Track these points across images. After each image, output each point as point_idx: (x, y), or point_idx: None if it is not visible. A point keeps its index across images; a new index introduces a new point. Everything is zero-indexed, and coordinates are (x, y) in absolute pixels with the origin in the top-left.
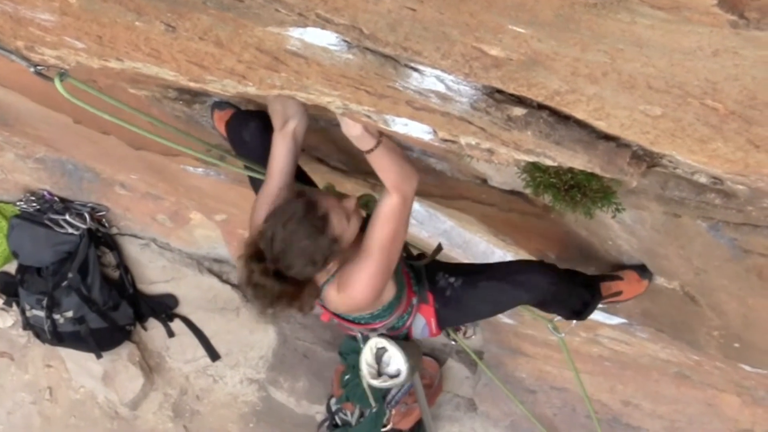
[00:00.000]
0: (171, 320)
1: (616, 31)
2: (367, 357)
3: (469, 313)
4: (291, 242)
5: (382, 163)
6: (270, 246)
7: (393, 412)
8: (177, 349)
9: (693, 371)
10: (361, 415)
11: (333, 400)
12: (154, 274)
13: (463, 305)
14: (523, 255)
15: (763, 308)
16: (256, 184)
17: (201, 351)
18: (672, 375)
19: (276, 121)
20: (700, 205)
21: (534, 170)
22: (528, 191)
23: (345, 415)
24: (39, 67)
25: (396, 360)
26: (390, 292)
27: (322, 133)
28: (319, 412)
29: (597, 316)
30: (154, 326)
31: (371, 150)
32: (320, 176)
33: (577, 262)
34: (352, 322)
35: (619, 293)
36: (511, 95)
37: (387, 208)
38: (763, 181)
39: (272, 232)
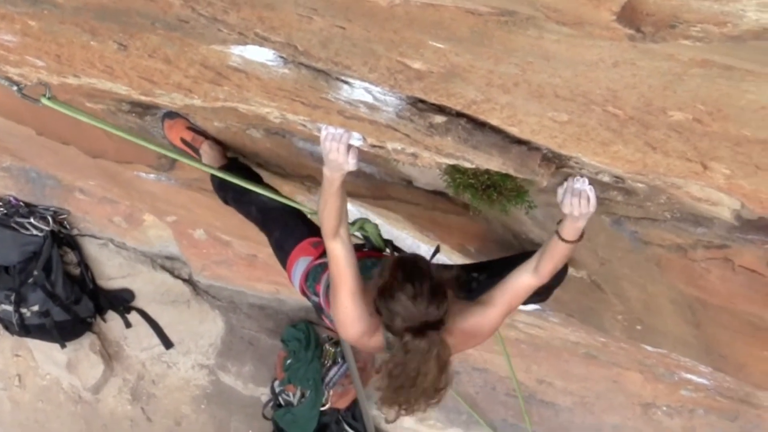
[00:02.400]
0: (128, 312)
1: (526, 45)
2: None
3: None
4: (419, 292)
5: (563, 254)
6: (405, 311)
7: (331, 392)
8: (134, 339)
9: (600, 351)
10: (302, 396)
11: (276, 383)
12: (112, 270)
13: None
14: (447, 249)
15: (661, 294)
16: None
17: (155, 340)
18: (581, 355)
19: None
20: (604, 201)
21: (454, 172)
22: (449, 191)
23: (287, 396)
24: (21, 86)
25: None
26: None
27: (261, 141)
28: (264, 393)
29: None
30: (113, 318)
31: (574, 241)
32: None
33: (495, 255)
34: None
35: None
36: (433, 104)
37: (524, 284)
38: (659, 179)
39: (397, 300)
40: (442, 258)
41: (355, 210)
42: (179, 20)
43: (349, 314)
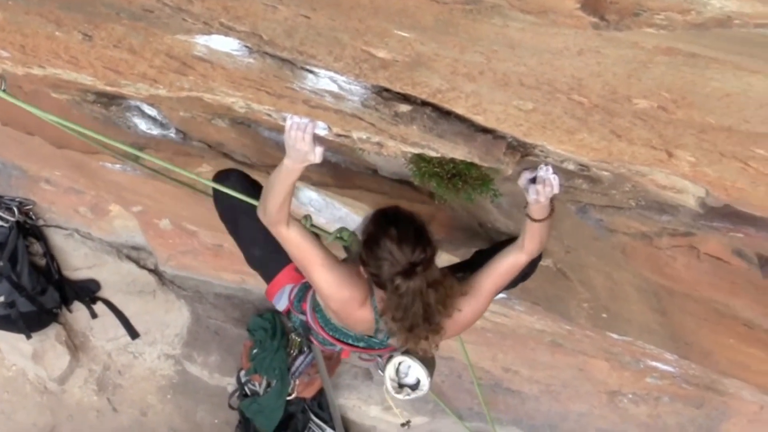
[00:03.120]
0: (94, 303)
1: (491, 34)
2: (390, 373)
3: None
4: (403, 236)
5: (542, 231)
6: (391, 257)
7: (297, 382)
8: (100, 329)
9: (566, 340)
10: (268, 385)
11: (242, 373)
12: (78, 261)
13: None
14: None
15: (627, 282)
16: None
17: (122, 330)
18: (547, 343)
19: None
20: (569, 189)
21: (420, 161)
22: (415, 180)
23: (253, 385)
24: None
25: (414, 371)
26: None
27: (227, 131)
28: (230, 383)
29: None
30: (79, 308)
31: (545, 219)
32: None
33: (461, 243)
34: (378, 347)
35: None
36: (398, 93)
37: (512, 261)
38: (624, 167)
39: (382, 248)
40: None
41: (320, 199)
42: (144, 10)
43: (330, 283)
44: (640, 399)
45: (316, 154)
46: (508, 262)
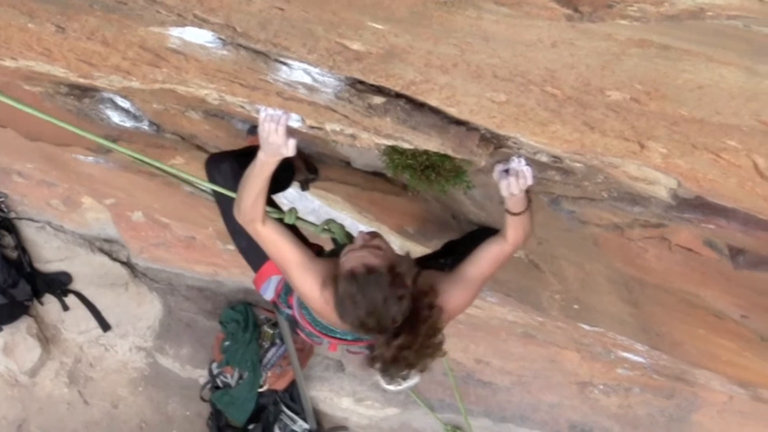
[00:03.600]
0: (65, 295)
1: (465, 25)
2: None
3: None
4: (375, 305)
5: (523, 223)
6: (368, 326)
7: (269, 374)
8: (71, 322)
9: (537, 331)
10: (240, 377)
11: (214, 365)
12: (50, 253)
13: None
14: (385, 230)
15: (599, 273)
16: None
17: (93, 322)
18: (519, 335)
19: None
20: (542, 181)
21: (393, 153)
22: (388, 172)
23: (225, 378)
24: None
25: None
26: None
27: (200, 123)
28: (201, 375)
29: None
30: (50, 301)
31: (523, 211)
32: (200, 163)
33: (433, 235)
34: (367, 339)
35: None
36: (372, 85)
37: (497, 251)
38: (597, 158)
39: (357, 317)
40: None
41: (293, 191)
42: (117, 2)
43: (308, 283)
44: (611, 390)
45: (289, 147)
46: (493, 252)
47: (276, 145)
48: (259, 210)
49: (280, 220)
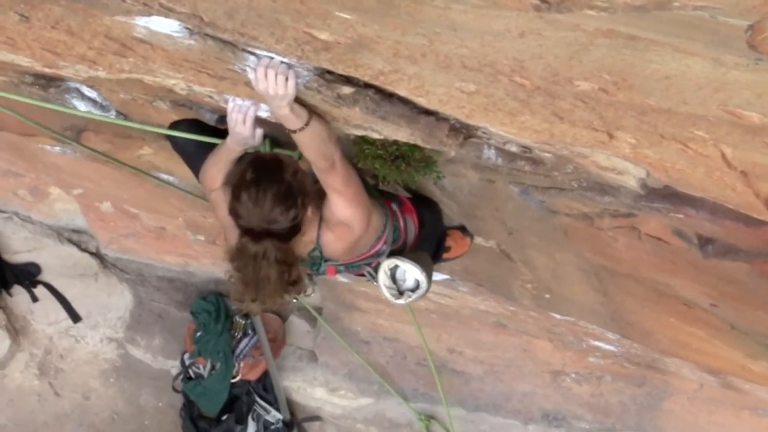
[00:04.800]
0: (34, 286)
1: (433, 15)
2: (384, 281)
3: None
4: (261, 196)
5: (307, 142)
6: (247, 213)
7: (242, 364)
8: (41, 313)
9: (509, 320)
10: (213, 368)
11: (186, 356)
12: (17, 244)
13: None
14: None
15: (569, 262)
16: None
17: (63, 314)
18: (491, 324)
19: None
20: (512, 171)
21: (363, 143)
22: (358, 162)
23: (197, 368)
24: None
25: (411, 272)
26: (377, 215)
27: (168, 113)
28: (173, 366)
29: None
30: (19, 292)
31: (302, 128)
32: (167, 153)
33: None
34: (358, 257)
35: (448, 249)
36: (340, 75)
37: (325, 180)
38: (566, 148)
39: (240, 202)
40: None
41: None
42: None
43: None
44: (583, 378)
45: (257, 137)
46: (324, 184)
47: (243, 136)
48: (218, 182)
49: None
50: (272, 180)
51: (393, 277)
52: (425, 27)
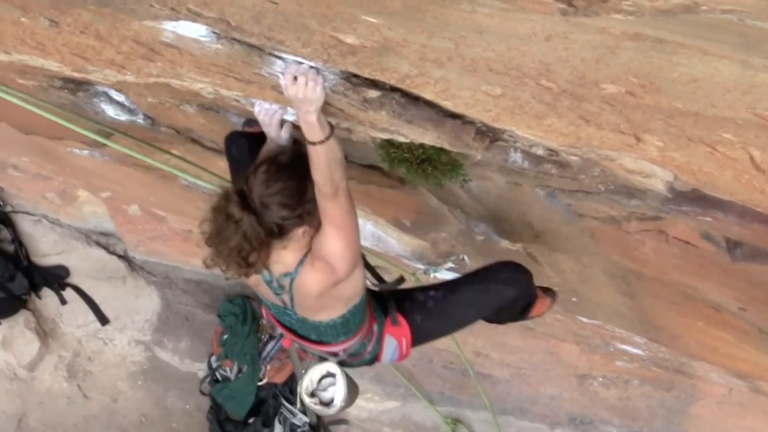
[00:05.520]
0: (63, 289)
1: (459, 19)
2: (313, 374)
3: (454, 319)
4: (273, 179)
5: (322, 159)
6: (254, 183)
7: (268, 367)
8: (69, 315)
9: (536, 323)
10: (239, 370)
11: (213, 358)
12: (47, 247)
13: (447, 313)
14: (382, 223)
15: (596, 266)
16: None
17: (91, 316)
18: (518, 327)
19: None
20: (539, 174)
21: (389, 146)
22: (384, 166)
23: (224, 371)
24: None
25: (336, 391)
26: (360, 277)
27: (195, 116)
28: (200, 369)
29: (447, 276)
30: (48, 295)
31: (322, 141)
32: (195, 156)
33: (430, 227)
34: (317, 342)
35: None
36: (367, 79)
37: (324, 207)
38: (593, 152)
39: (257, 171)
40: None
41: None
42: None
43: None
44: (610, 382)
45: (282, 139)
46: (322, 211)
47: (271, 137)
48: None
49: None
50: (294, 175)
51: (321, 379)
52: (451, 30)
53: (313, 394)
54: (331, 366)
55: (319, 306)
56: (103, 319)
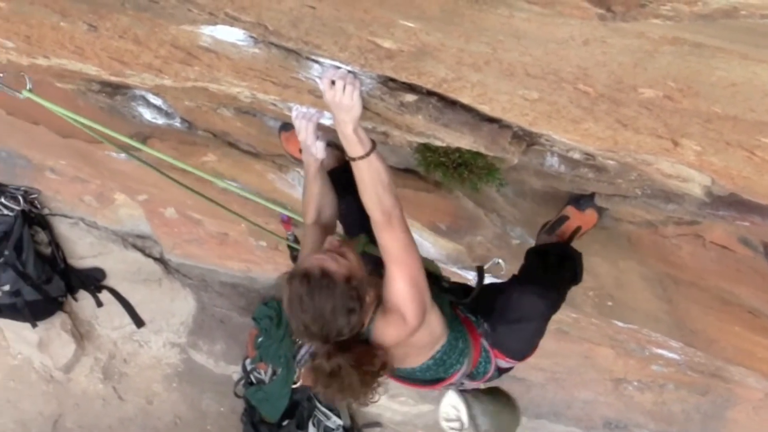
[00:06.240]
0: (99, 291)
1: (497, 24)
2: (442, 410)
3: (516, 350)
4: (322, 311)
5: (367, 176)
6: (311, 331)
7: (303, 370)
8: (105, 318)
9: (571, 327)
10: (274, 373)
11: (248, 361)
12: (83, 249)
13: (506, 346)
14: (418, 226)
15: (632, 270)
16: None
17: (127, 318)
18: (552, 331)
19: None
20: (575, 179)
21: (425, 150)
22: (420, 169)
23: (259, 373)
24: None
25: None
26: (437, 320)
27: (232, 120)
28: (235, 371)
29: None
30: (84, 297)
31: (363, 155)
32: (232, 160)
33: (466, 231)
34: (426, 384)
35: (578, 229)
36: (403, 83)
37: (381, 240)
38: (630, 156)
39: (302, 320)
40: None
41: None
42: (149, 0)
43: None
44: (646, 386)
45: (318, 149)
46: (380, 245)
47: (306, 144)
48: (310, 211)
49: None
50: (328, 297)
51: (449, 419)
52: (489, 35)
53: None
54: (453, 399)
55: (401, 355)
56: (139, 322)
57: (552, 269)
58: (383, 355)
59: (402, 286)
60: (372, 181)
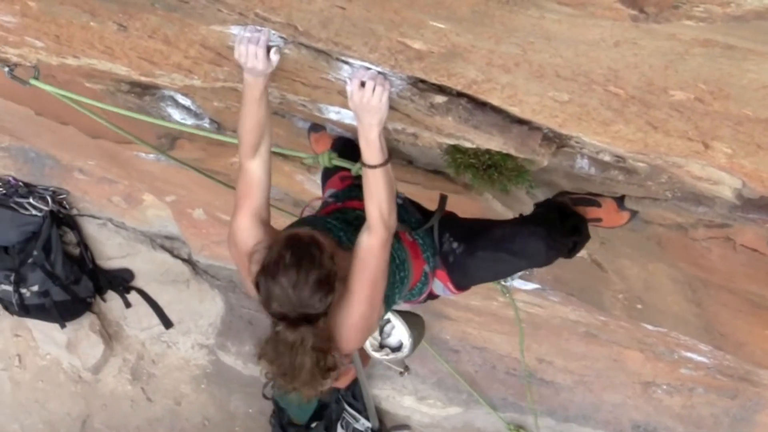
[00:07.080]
0: (127, 292)
1: (527, 25)
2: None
3: (473, 278)
4: (306, 277)
5: (378, 186)
6: (282, 298)
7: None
8: (133, 318)
9: (600, 330)
10: None
11: None
12: (111, 250)
13: (467, 271)
14: None
15: (662, 273)
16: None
17: (155, 319)
18: (581, 334)
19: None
20: (605, 181)
21: (455, 152)
22: (450, 171)
23: None
24: (9, 68)
25: (398, 332)
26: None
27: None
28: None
29: (514, 282)
30: (113, 298)
31: (380, 164)
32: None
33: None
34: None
35: (599, 220)
36: (433, 84)
37: (366, 246)
38: (661, 158)
39: (278, 284)
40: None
41: None
42: (179, 0)
43: (243, 230)
44: (675, 390)
45: (273, 62)
46: (361, 252)
47: (258, 70)
48: (250, 145)
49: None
50: (313, 263)
51: (381, 329)
52: (519, 36)
53: (381, 347)
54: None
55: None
56: (167, 323)
57: (566, 231)
58: (340, 357)
59: (356, 320)
60: (384, 189)
